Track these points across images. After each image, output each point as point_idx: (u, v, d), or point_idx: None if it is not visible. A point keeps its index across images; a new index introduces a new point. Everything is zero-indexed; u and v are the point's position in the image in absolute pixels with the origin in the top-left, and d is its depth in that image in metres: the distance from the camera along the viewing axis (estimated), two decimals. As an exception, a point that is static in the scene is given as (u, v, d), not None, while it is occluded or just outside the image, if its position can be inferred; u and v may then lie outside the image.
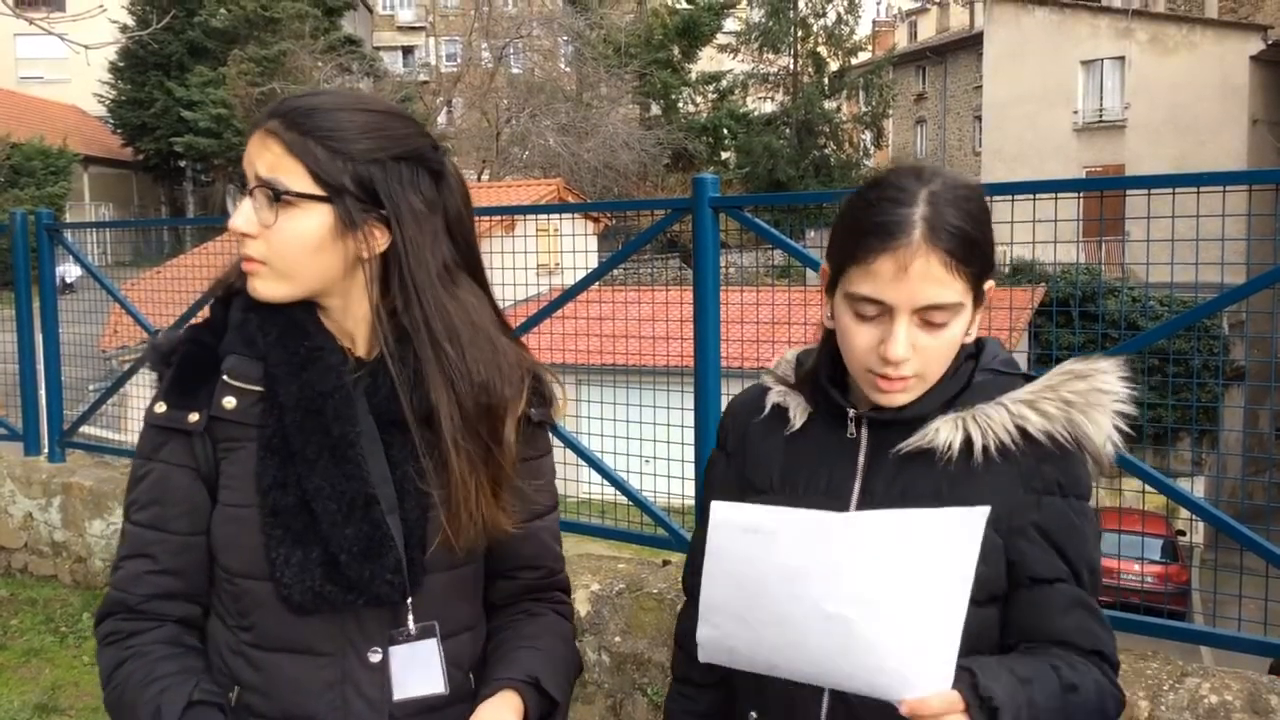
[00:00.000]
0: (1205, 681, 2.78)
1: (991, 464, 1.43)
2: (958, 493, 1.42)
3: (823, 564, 1.26)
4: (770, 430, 1.59)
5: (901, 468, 1.46)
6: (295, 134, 1.39)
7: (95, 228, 7.99)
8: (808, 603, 1.27)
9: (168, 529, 1.45)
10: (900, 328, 1.37)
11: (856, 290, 1.39)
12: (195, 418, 1.43)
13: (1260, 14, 29.95)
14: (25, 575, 6.02)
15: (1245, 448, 3.98)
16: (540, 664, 1.52)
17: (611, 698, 3.82)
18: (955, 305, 1.38)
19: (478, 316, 1.49)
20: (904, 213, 1.36)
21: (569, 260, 4.56)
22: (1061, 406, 1.44)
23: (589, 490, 4.47)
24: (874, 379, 1.42)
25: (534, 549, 1.61)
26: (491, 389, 1.46)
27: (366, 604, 1.41)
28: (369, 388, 1.45)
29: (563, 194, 17.56)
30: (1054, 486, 1.44)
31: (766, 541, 1.28)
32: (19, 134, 31.28)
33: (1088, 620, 1.45)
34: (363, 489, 1.40)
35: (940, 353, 1.41)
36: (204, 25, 35.38)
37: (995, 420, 1.44)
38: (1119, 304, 4.85)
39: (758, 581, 1.29)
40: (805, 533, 1.27)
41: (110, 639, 1.46)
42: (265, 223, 1.39)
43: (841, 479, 1.50)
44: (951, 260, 1.36)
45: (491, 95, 35.44)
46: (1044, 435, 1.43)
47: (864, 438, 1.50)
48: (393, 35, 51.09)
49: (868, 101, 40.64)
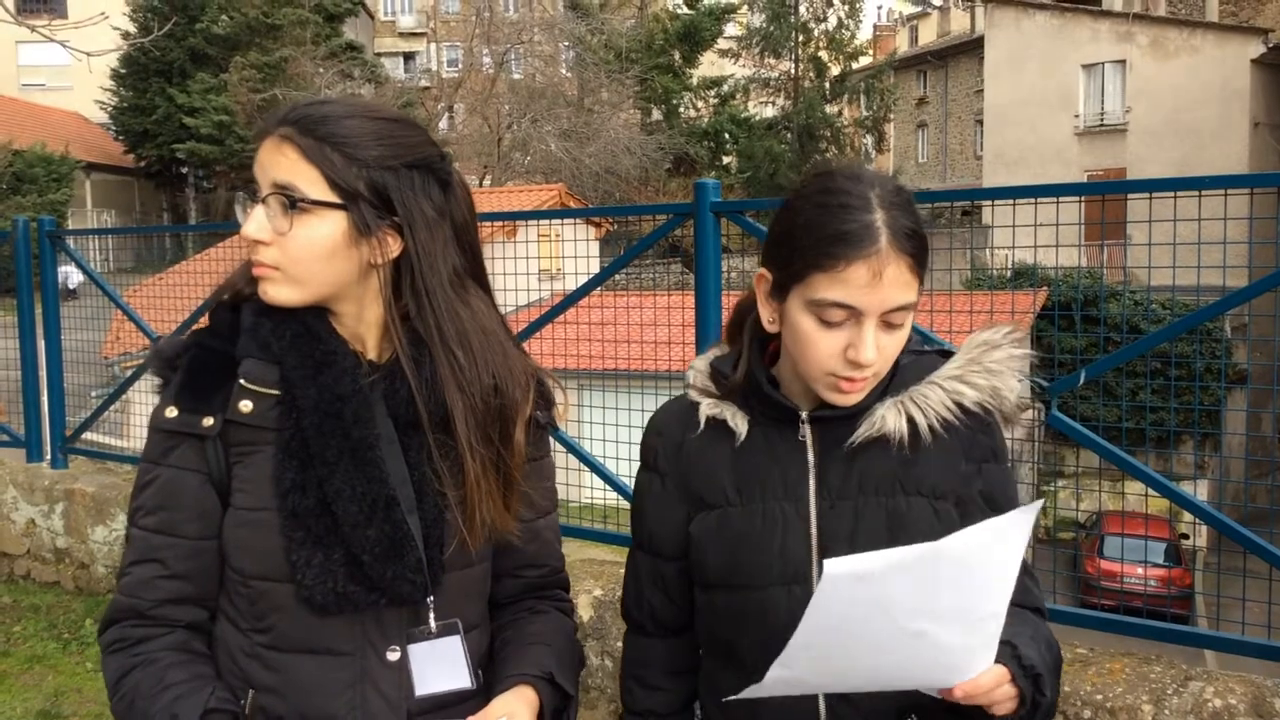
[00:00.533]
0: (1209, 685, 2.78)
1: (936, 440, 1.50)
2: (912, 474, 1.50)
3: (910, 591, 1.28)
4: (710, 443, 1.59)
5: (854, 459, 1.51)
6: (311, 140, 1.40)
7: (97, 234, 8.03)
8: (893, 627, 1.30)
9: (178, 533, 1.45)
10: (869, 332, 1.40)
11: (825, 297, 1.40)
12: (210, 422, 1.43)
13: (1261, 17, 29.97)
14: (28, 581, 6.02)
15: (1248, 451, 3.98)
16: (552, 660, 1.55)
17: (614, 702, 3.82)
18: (913, 304, 1.43)
19: (487, 322, 1.52)
20: (867, 219, 1.39)
21: (571, 265, 4.56)
22: (986, 376, 1.53)
23: (591, 495, 4.47)
24: (835, 381, 1.45)
25: (538, 548, 1.65)
26: (504, 392, 1.50)
27: (390, 604, 1.43)
28: (386, 391, 1.47)
29: (564, 199, 17.60)
30: (989, 454, 1.54)
31: (872, 585, 1.28)
32: (21, 141, 31.36)
33: (1025, 581, 1.52)
34: (384, 490, 1.42)
35: (896, 350, 1.47)
36: (205, 32, 35.45)
37: (933, 399, 1.51)
38: (1121, 307, 4.85)
39: (854, 623, 1.30)
40: (905, 569, 1.28)
41: (116, 646, 1.46)
42: (280, 230, 1.40)
43: (796, 479, 1.52)
44: (914, 263, 1.41)
45: (493, 101, 35.50)
46: (976, 405, 1.52)
47: (809, 436, 1.53)
48: (394, 41, 51.20)
49: (869, 106, 40.70)
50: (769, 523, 1.51)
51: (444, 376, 1.45)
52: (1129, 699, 2.73)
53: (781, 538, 1.50)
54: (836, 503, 1.50)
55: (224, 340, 1.47)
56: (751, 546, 1.51)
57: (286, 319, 1.45)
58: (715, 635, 1.59)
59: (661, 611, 1.68)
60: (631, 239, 5.10)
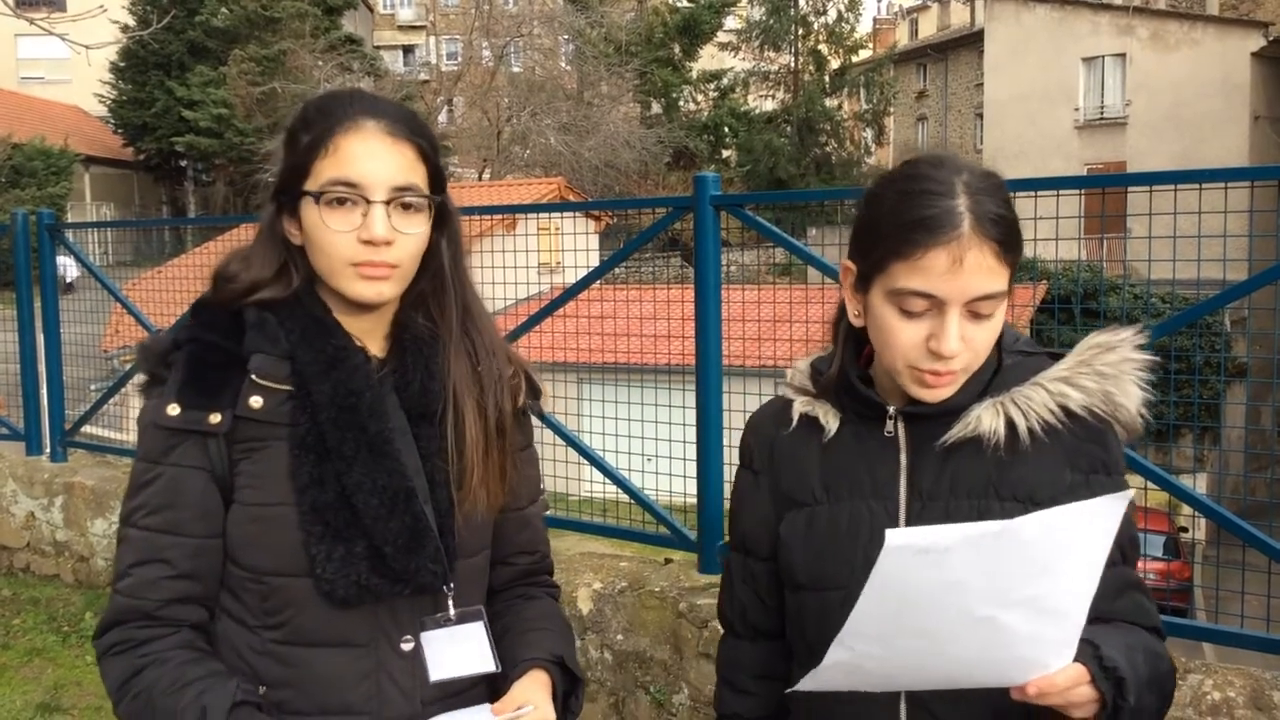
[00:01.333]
0: (1208, 678, 2.78)
1: (1036, 444, 1.41)
2: (1007, 478, 1.41)
3: (980, 572, 1.22)
4: (802, 441, 1.55)
5: (947, 459, 1.44)
6: (423, 140, 1.47)
7: (96, 228, 8.00)
8: (959, 611, 1.24)
9: (182, 532, 1.44)
10: (952, 321, 1.34)
11: (905, 285, 1.35)
12: (218, 419, 1.42)
13: (1261, 10, 29.90)
14: (28, 575, 6.03)
15: (1247, 444, 3.98)
16: (561, 645, 1.59)
17: (614, 696, 3.82)
18: (1002, 294, 1.36)
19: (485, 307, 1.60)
20: (948, 204, 1.33)
21: (570, 259, 4.56)
22: (1097, 379, 1.43)
23: (591, 489, 4.47)
24: (921, 375, 1.38)
25: (530, 535, 1.69)
26: (503, 372, 1.56)
27: (413, 593, 1.45)
28: (398, 383, 1.49)
29: (564, 193, 17.57)
30: (1099, 465, 1.43)
31: (938, 560, 1.22)
32: (20, 134, 31.28)
33: (1141, 599, 1.46)
34: (404, 482, 1.44)
35: (986, 342, 1.39)
36: (204, 25, 35.33)
37: (1036, 401, 1.42)
38: (1121, 301, 4.84)
39: (915, 601, 1.24)
40: (976, 545, 1.22)
41: (119, 648, 1.44)
42: (406, 229, 1.44)
43: (886, 478, 1.46)
44: (1000, 249, 1.34)
45: (492, 94, 35.44)
46: (1084, 410, 1.42)
47: (902, 434, 1.47)
48: (393, 34, 51.12)
49: (869, 99, 40.61)
50: (855, 521, 1.46)
51: (456, 360, 1.51)
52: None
53: (868, 537, 1.43)
54: (928, 504, 1.44)
55: (222, 335, 1.46)
56: (837, 545, 1.47)
57: (293, 314, 1.46)
58: (802, 638, 1.54)
59: (752, 612, 1.64)
60: (631, 232, 5.10)
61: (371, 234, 1.41)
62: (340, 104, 1.45)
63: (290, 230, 1.49)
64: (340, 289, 1.45)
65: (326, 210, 1.41)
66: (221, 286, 1.50)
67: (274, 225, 1.50)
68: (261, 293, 1.47)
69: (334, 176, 1.41)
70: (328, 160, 1.42)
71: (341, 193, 1.41)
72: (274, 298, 1.48)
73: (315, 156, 1.43)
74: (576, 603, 3.85)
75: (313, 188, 1.43)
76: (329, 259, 1.43)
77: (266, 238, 1.51)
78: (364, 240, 1.41)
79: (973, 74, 37.86)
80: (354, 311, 1.49)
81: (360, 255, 1.42)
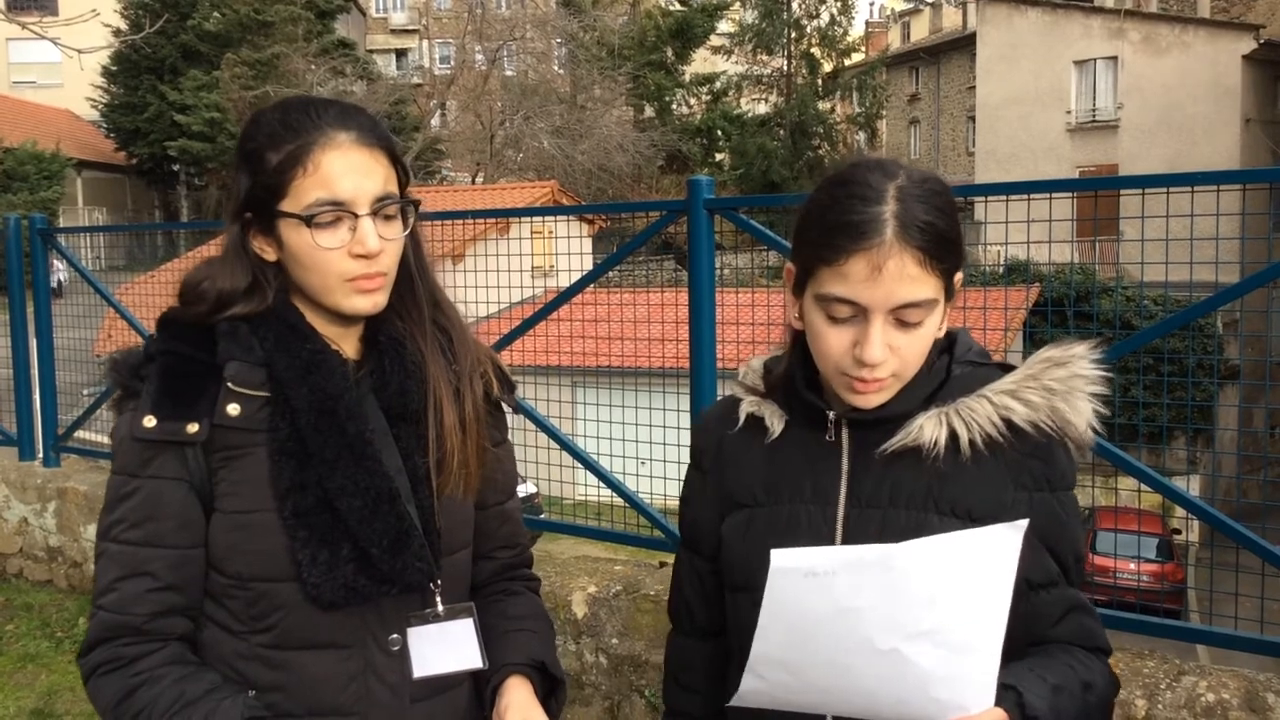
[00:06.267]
0: (1202, 680, 2.79)
1: (979, 458, 1.39)
2: (948, 491, 1.39)
3: (874, 600, 1.21)
4: (747, 442, 1.53)
5: (888, 467, 1.42)
6: (388, 140, 1.47)
7: (89, 232, 7.99)
8: (860, 641, 1.23)
9: (165, 544, 1.43)
10: (875, 329, 1.33)
11: (828, 291, 1.34)
12: (195, 428, 1.41)
13: (1252, 13, 30.03)
14: (20, 580, 6.00)
15: (1240, 446, 3.99)
16: (540, 647, 1.60)
17: (609, 699, 3.82)
18: (930, 302, 1.34)
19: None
20: (874, 210, 1.32)
21: (564, 263, 4.55)
22: (1044, 394, 1.41)
23: (585, 492, 4.47)
24: (849, 381, 1.37)
25: (510, 529, 1.70)
26: (475, 368, 1.57)
27: (400, 593, 1.45)
28: (375, 385, 1.49)
29: (557, 196, 17.56)
30: (1043, 482, 1.41)
31: (825, 584, 1.21)
32: (12, 138, 31.22)
33: (1085, 620, 1.45)
34: (386, 484, 1.44)
35: (916, 351, 1.37)
36: (197, 29, 35.29)
37: (979, 413, 1.40)
38: (1113, 303, 4.86)
39: (813, 627, 1.24)
40: (859, 570, 1.21)
41: (108, 667, 1.43)
42: (390, 236, 1.45)
43: (827, 484, 1.45)
44: (925, 258, 1.32)
45: (485, 98, 35.44)
46: (1029, 425, 1.40)
47: (845, 440, 1.45)
48: (386, 38, 51.05)
49: (861, 102, 40.71)
50: (792, 525, 1.45)
51: (431, 359, 1.51)
52: (1122, 694, 2.74)
53: (805, 543, 1.39)
54: (865, 511, 1.41)
55: (194, 345, 1.45)
56: (773, 548, 1.46)
57: (265, 321, 1.45)
58: (738, 639, 1.50)
59: (698, 610, 1.64)
60: (625, 236, 5.09)
61: (366, 248, 1.41)
62: (307, 117, 1.42)
63: (262, 247, 1.46)
64: (335, 305, 1.45)
65: (317, 231, 1.40)
66: (191, 304, 1.47)
67: (242, 243, 1.47)
68: (234, 309, 1.45)
69: (321, 197, 1.40)
70: (309, 180, 1.40)
71: (332, 213, 1.40)
72: (248, 313, 1.45)
73: (292, 176, 1.40)
74: (571, 606, 3.84)
75: (295, 209, 1.40)
76: (323, 277, 1.43)
77: (234, 256, 1.47)
78: (357, 255, 1.41)
79: (965, 77, 37.94)
80: (330, 318, 1.49)
81: (354, 270, 1.42)
